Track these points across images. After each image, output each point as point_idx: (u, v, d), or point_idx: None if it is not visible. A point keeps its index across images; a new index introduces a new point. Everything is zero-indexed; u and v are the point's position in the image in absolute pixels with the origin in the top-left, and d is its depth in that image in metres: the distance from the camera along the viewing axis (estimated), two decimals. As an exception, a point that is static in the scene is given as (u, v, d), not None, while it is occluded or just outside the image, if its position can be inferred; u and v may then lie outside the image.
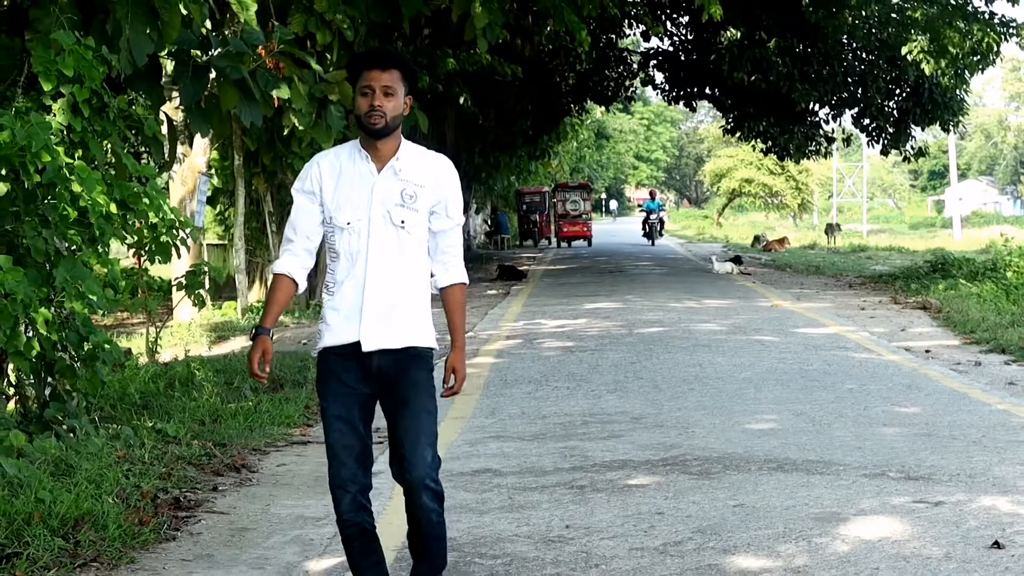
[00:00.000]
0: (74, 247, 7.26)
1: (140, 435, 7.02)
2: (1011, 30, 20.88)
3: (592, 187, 52.49)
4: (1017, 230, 40.52)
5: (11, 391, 7.68)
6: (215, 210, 20.49)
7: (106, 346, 7.37)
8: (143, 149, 10.34)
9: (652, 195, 44.25)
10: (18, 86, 7.94)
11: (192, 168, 15.91)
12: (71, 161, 7.01)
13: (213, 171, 17.62)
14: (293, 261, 3.97)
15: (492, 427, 7.83)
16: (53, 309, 7.00)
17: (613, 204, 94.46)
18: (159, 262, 8.60)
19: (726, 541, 5.09)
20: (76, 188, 6.97)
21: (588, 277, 24.39)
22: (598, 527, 5.36)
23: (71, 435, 7.08)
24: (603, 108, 39.90)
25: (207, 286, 13.59)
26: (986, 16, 20.89)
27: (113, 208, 7.22)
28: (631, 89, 34.39)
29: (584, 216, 44.34)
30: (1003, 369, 10.55)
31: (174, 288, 15.14)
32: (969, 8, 20.47)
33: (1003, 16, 21.32)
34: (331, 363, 3.91)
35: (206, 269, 11.67)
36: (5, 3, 8.48)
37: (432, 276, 4.01)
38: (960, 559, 4.78)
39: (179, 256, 8.71)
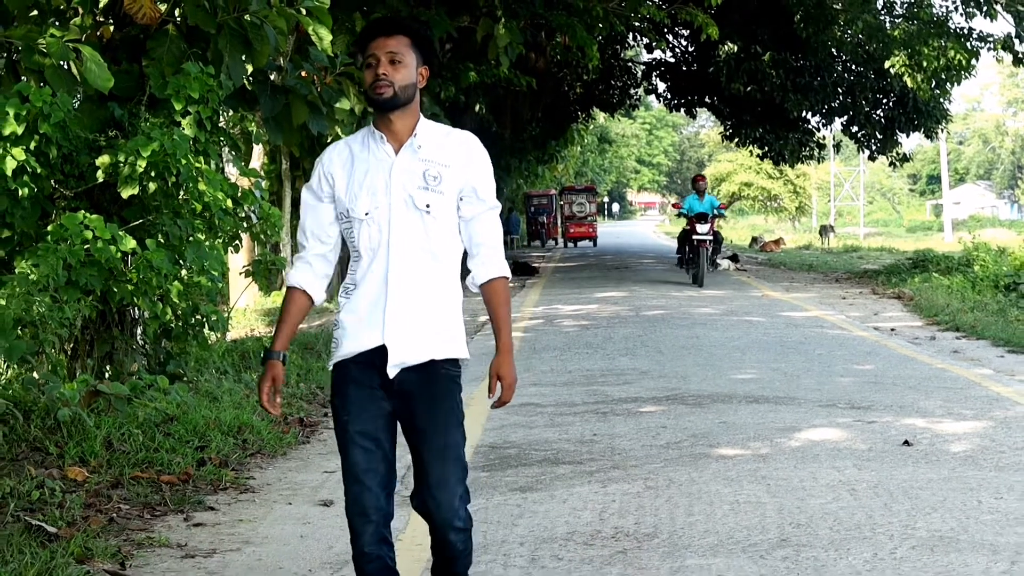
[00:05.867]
0: (198, 234, 9.21)
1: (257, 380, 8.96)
2: (988, 45, 22.71)
3: (596, 190, 54.46)
4: (1014, 234, 42.28)
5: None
6: (259, 210, 22.39)
7: (213, 316, 9.33)
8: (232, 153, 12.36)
9: (699, 184, 21.97)
10: (142, 104, 9.87)
11: (249, 172, 17.80)
12: (199, 165, 8.96)
13: (264, 175, 19.54)
14: (306, 272, 3.51)
15: (529, 378, 9.76)
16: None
17: (616, 207, 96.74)
18: (231, 251, 10.52)
19: (712, 441, 7.02)
20: (202, 187, 8.93)
21: (596, 272, 26.36)
22: (618, 435, 7.29)
23: (191, 383, 9.02)
24: (607, 114, 41.75)
25: (270, 275, 15.45)
26: (964, 31, 22.71)
27: (229, 204, 9.18)
28: (635, 97, 36.36)
29: (590, 218, 46.39)
30: (953, 342, 12.47)
31: (237, 275, 17.09)
32: (945, 27, 22.27)
33: (980, 32, 23.12)
34: (349, 373, 3.42)
35: (272, 258, 13.60)
36: (117, 36, 10.33)
37: (468, 273, 3.54)
38: (879, 451, 6.72)
39: (264, 246, 10.62)
